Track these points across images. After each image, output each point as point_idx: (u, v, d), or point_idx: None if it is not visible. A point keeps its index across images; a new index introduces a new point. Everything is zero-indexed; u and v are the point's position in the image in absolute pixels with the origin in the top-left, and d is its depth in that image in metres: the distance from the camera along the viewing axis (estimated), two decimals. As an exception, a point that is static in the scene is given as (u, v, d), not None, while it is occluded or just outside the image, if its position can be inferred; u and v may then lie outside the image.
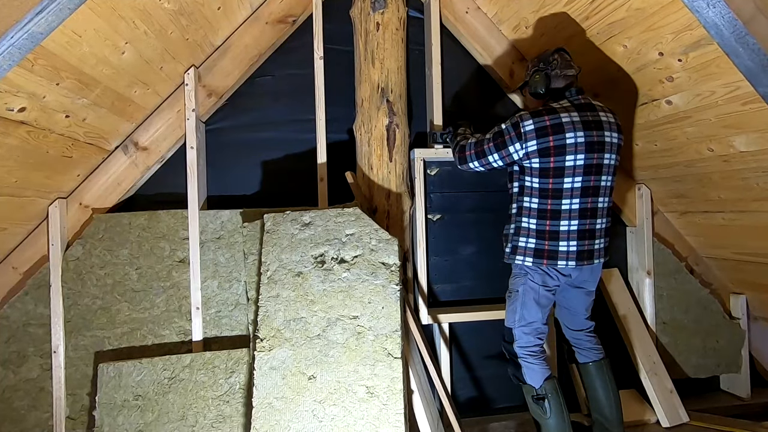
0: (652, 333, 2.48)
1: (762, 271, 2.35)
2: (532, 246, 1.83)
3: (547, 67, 1.87)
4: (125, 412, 1.95)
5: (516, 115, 1.82)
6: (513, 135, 1.79)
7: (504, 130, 1.84)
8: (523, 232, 1.85)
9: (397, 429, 1.79)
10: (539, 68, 1.89)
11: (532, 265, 1.85)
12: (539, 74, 1.88)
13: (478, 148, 1.93)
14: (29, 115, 1.61)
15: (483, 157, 1.91)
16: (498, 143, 1.85)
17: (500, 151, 1.85)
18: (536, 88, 1.89)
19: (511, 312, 1.94)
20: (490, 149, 1.88)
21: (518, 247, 1.87)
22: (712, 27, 1.56)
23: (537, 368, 1.87)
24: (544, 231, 1.81)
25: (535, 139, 1.74)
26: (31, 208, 1.99)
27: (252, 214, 2.18)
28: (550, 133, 1.73)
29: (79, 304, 2.08)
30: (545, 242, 1.81)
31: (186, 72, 2.19)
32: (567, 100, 1.83)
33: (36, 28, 1.35)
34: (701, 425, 2.24)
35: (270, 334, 1.89)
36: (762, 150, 1.84)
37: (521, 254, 1.86)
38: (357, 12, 2.30)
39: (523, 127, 1.76)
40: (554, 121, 1.74)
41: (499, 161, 1.87)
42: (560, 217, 1.79)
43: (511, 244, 1.90)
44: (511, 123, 1.81)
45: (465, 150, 1.99)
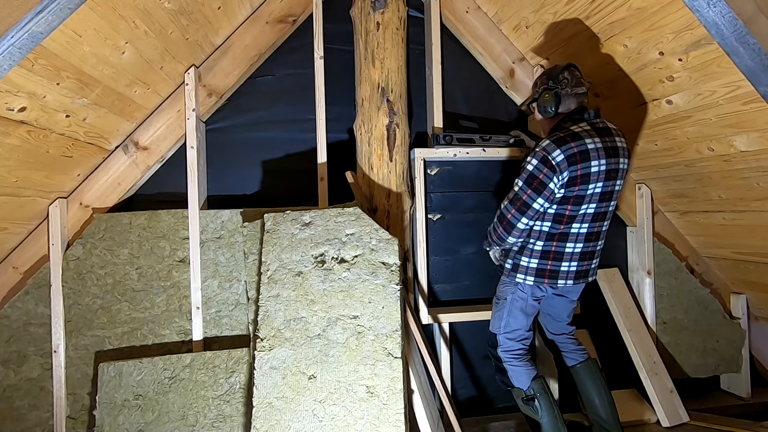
0: (652, 333, 2.48)
1: (762, 270, 2.34)
2: (534, 266, 1.82)
3: (557, 86, 1.77)
4: (126, 412, 1.95)
5: (538, 149, 1.69)
6: (546, 171, 1.65)
7: (534, 169, 1.68)
8: (527, 252, 1.82)
9: (398, 429, 1.79)
10: (549, 86, 1.79)
11: (532, 284, 1.84)
12: (549, 93, 1.78)
13: (517, 204, 1.73)
14: (29, 114, 1.62)
15: (527, 210, 1.71)
16: (536, 187, 1.68)
17: (542, 193, 1.68)
18: (546, 108, 1.79)
19: (497, 318, 1.95)
20: (530, 197, 1.70)
21: (520, 266, 1.85)
22: (712, 26, 1.56)
23: (522, 370, 1.88)
24: (550, 252, 1.79)
25: (567, 168, 1.64)
26: (32, 207, 2.00)
27: (252, 213, 2.18)
28: (578, 161, 1.64)
29: (79, 304, 2.08)
30: (548, 262, 1.80)
31: (186, 72, 2.19)
32: (587, 123, 1.74)
33: (36, 28, 1.35)
34: (701, 425, 2.24)
35: (270, 333, 1.89)
36: (762, 149, 1.84)
37: (522, 273, 1.84)
38: (357, 11, 2.29)
39: (554, 159, 1.64)
40: (581, 148, 1.65)
41: (545, 204, 1.70)
42: (567, 240, 1.77)
43: (512, 261, 1.87)
44: (539, 159, 1.67)
45: (503, 218, 1.77)
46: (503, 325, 1.92)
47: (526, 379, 1.87)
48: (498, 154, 2.36)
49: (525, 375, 1.88)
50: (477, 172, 2.42)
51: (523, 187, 1.71)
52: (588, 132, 1.70)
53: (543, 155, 1.67)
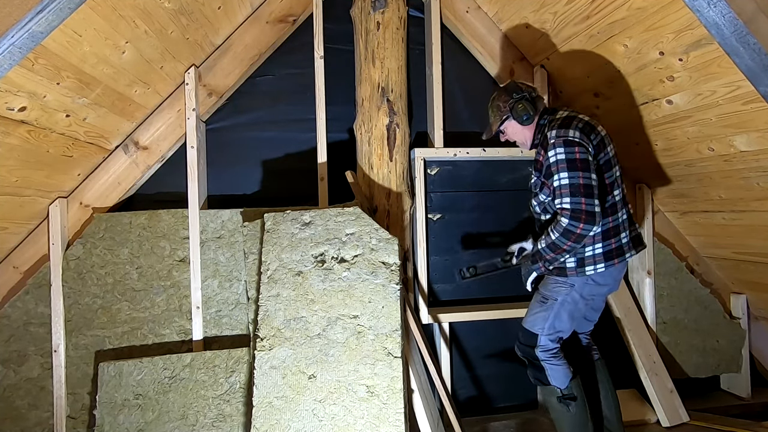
0: (652, 333, 2.48)
1: (762, 270, 2.34)
2: (600, 251, 1.74)
3: (525, 93, 1.85)
4: (126, 411, 1.95)
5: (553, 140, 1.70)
6: (578, 149, 1.66)
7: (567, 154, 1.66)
8: (587, 241, 1.72)
9: (397, 428, 1.79)
10: (517, 98, 1.85)
11: (603, 270, 1.75)
12: (522, 103, 1.83)
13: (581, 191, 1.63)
14: (30, 114, 1.62)
15: (592, 190, 1.63)
16: (581, 166, 1.64)
17: (589, 168, 1.65)
18: (526, 115, 1.84)
19: (541, 319, 1.84)
20: (585, 177, 1.63)
21: (585, 258, 1.75)
22: (712, 26, 1.56)
23: (562, 369, 1.82)
24: (609, 229, 1.74)
25: (588, 138, 1.69)
26: (32, 207, 2.00)
27: (252, 213, 2.19)
28: (589, 131, 1.71)
29: (79, 304, 2.09)
30: (611, 240, 1.75)
31: (186, 71, 2.19)
32: (563, 111, 1.84)
33: (36, 28, 1.36)
34: (701, 425, 2.24)
35: (270, 333, 1.89)
36: (763, 149, 1.84)
37: (591, 263, 1.75)
38: (357, 11, 2.29)
39: (573, 137, 1.68)
40: (582, 123, 1.73)
41: (596, 177, 1.67)
42: (616, 210, 1.76)
43: (575, 258, 1.77)
44: (563, 144, 1.67)
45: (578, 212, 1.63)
46: (547, 326, 1.82)
47: (565, 378, 1.82)
48: (498, 154, 2.36)
49: (564, 374, 1.82)
50: (477, 172, 2.42)
51: (572, 175, 1.65)
52: (574, 113, 1.81)
53: (563, 139, 1.68)
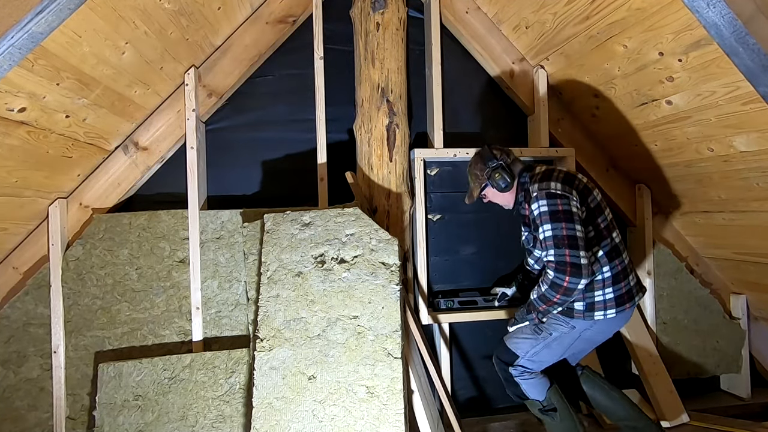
0: (652, 333, 2.48)
1: (762, 271, 2.34)
2: (611, 296, 1.71)
3: (500, 161, 1.85)
4: (125, 412, 1.95)
5: (536, 192, 1.72)
6: (560, 200, 1.66)
7: (550, 206, 1.67)
8: (598, 285, 1.72)
9: (397, 429, 1.79)
10: (494, 166, 1.85)
11: (614, 316, 1.72)
12: (498, 171, 1.84)
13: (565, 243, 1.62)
14: (29, 115, 1.62)
15: (577, 241, 1.62)
16: (565, 217, 1.64)
17: (574, 218, 1.64)
18: (503, 181, 1.84)
19: (528, 345, 1.83)
20: (569, 228, 1.62)
21: (595, 303, 1.72)
22: (712, 27, 1.56)
23: (537, 381, 1.83)
24: (618, 273, 1.72)
25: (571, 187, 1.70)
26: (32, 208, 1.99)
27: (252, 214, 2.18)
28: (571, 181, 1.73)
29: (79, 304, 2.08)
30: (621, 284, 1.72)
31: (186, 72, 2.19)
32: (541, 166, 1.87)
33: (36, 28, 1.35)
34: (701, 425, 2.24)
35: (270, 334, 1.89)
36: (762, 150, 1.84)
37: (601, 309, 1.71)
38: (357, 12, 2.30)
39: (555, 189, 1.69)
40: (562, 174, 1.75)
41: (581, 228, 1.66)
42: (620, 252, 1.76)
43: (584, 302, 1.73)
44: (546, 197, 1.68)
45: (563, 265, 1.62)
46: (532, 353, 1.83)
47: (543, 389, 1.82)
48: (498, 154, 2.36)
49: (540, 386, 1.83)
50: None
51: (555, 226, 1.65)
52: (550, 167, 1.84)
53: (545, 192, 1.69)
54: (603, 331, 1.80)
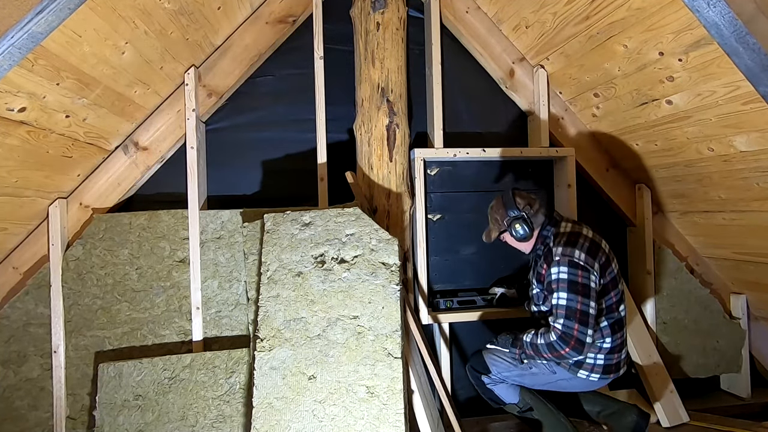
0: (652, 333, 2.48)
1: (762, 271, 2.34)
2: (601, 362, 1.76)
3: (521, 213, 1.84)
4: (125, 412, 1.95)
5: (559, 257, 1.71)
6: (582, 273, 1.67)
7: (570, 276, 1.67)
8: (593, 350, 1.76)
9: (397, 429, 1.79)
10: (514, 217, 1.84)
11: (596, 381, 1.77)
12: (518, 222, 1.83)
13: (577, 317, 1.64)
14: (29, 115, 1.61)
15: (587, 318, 1.64)
16: (583, 292, 1.65)
17: (590, 295, 1.66)
18: (523, 234, 1.84)
19: (504, 367, 1.88)
20: (584, 304, 1.64)
21: (584, 363, 1.77)
22: (712, 27, 1.56)
23: (508, 385, 1.91)
24: (617, 346, 1.76)
25: (594, 260, 1.70)
26: (32, 208, 1.99)
27: (252, 214, 2.18)
28: (595, 252, 1.72)
29: (79, 304, 2.08)
30: (614, 355, 1.77)
31: (186, 72, 2.19)
32: (566, 222, 1.86)
33: (36, 28, 1.35)
34: (701, 425, 2.24)
35: (270, 334, 1.89)
36: (762, 150, 1.84)
37: (587, 370, 1.77)
38: (357, 12, 2.29)
39: (579, 260, 1.68)
40: (588, 242, 1.74)
41: (595, 305, 1.67)
42: (623, 326, 1.79)
43: (574, 359, 1.76)
44: (568, 265, 1.68)
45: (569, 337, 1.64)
46: (506, 375, 1.88)
47: (515, 392, 1.90)
48: (498, 154, 2.36)
49: (513, 389, 1.90)
50: (477, 172, 2.42)
51: (571, 297, 1.66)
52: (578, 227, 1.83)
53: (569, 260, 1.69)
54: (576, 387, 1.85)
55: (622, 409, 1.90)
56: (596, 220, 2.59)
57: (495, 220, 1.94)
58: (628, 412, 1.87)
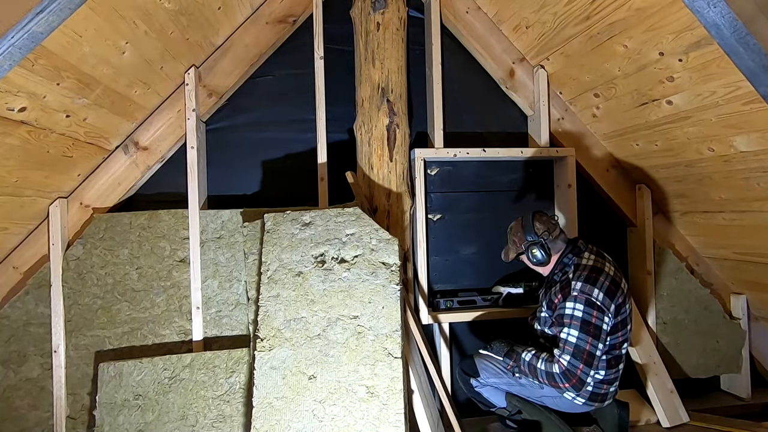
0: (652, 333, 2.48)
1: (762, 271, 2.34)
2: (589, 389, 1.79)
3: (539, 238, 1.84)
4: (126, 412, 1.95)
5: (577, 293, 1.71)
6: (597, 314, 1.68)
7: (585, 315, 1.67)
8: None
9: (397, 429, 1.79)
10: (532, 242, 1.85)
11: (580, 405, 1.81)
12: (535, 247, 1.85)
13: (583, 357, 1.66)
14: (30, 114, 1.62)
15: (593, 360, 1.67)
16: (593, 333, 1.66)
17: (600, 337, 1.68)
18: (540, 260, 1.86)
19: (494, 374, 1.94)
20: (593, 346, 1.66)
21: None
22: (712, 27, 1.56)
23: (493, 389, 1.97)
24: (609, 379, 1.79)
25: (611, 303, 1.70)
26: (32, 207, 2.00)
27: (252, 213, 2.18)
28: (614, 292, 1.72)
29: (79, 304, 2.08)
30: (604, 386, 1.81)
31: (186, 72, 2.19)
32: (589, 252, 1.84)
33: (36, 28, 1.35)
34: (701, 425, 2.24)
35: (270, 333, 1.89)
36: (763, 150, 1.84)
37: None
38: (357, 12, 2.29)
39: (597, 300, 1.68)
40: (609, 280, 1.73)
41: (603, 346, 1.70)
42: (620, 363, 1.81)
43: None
44: (584, 303, 1.68)
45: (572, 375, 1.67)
46: (494, 381, 1.95)
47: (500, 396, 1.96)
48: (498, 154, 2.36)
49: (500, 393, 1.96)
50: (477, 172, 2.42)
51: (582, 337, 1.67)
52: (600, 261, 1.79)
53: (586, 298, 1.69)
54: (560, 406, 1.87)
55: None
56: (596, 220, 2.59)
57: (513, 242, 1.95)
58: (607, 408, 1.90)
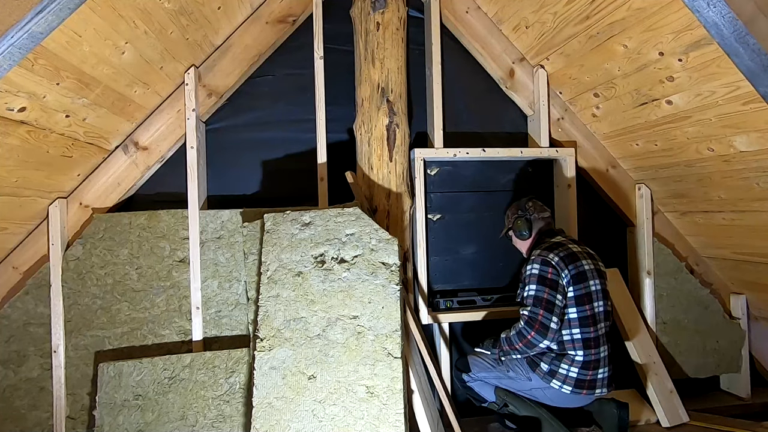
0: (652, 333, 2.48)
1: (762, 271, 2.34)
2: (574, 375, 1.81)
3: (525, 213, 2.05)
4: (125, 412, 1.95)
5: (536, 257, 1.87)
6: (552, 270, 1.82)
7: (541, 271, 1.82)
8: (567, 360, 1.83)
9: (397, 429, 1.79)
10: (519, 215, 2.06)
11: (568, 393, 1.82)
12: (520, 220, 2.04)
13: (542, 304, 1.78)
14: (29, 114, 1.61)
15: (553, 308, 1.78)
16: (550, 285, 1.79)
17: (557, 290, 1.80)
18: (521, 232, 2.04)
19: (483, 369, 2.01)
20: (551, 295, 1.78)
21: (558, 373, 1.84)
22: (712, 27, 1.56)
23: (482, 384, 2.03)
24: (590, 361, 1.81)
25: (566, 267, 1.82)
26: (32, 207, 1.99)
27: (252, 213, 2.18)
28: (571, 261, 1.83)
29: (79, 304, 2.08)
30: (589, 372, 1.81)
31: (186, 72, 2.19)
32: (560, 236, 1.99)
33: (36, 28, 1.35)
34: (701, 425, 2.24)
35: (270, 333, 1.89)
36: (762, 150, 1.84)
37: (560, 380, 1.84)
38: (357, 12, 2.29)
39: (552, 260, 1.83)
40: (568, 252, 1.86)
41: (563, 300, 1.81)
42: (600, 344, 1.83)
43: (549, 366, 1.85)
44: (540, 263, 1.84)
45: (533, 321, 1.77)
46: (489, 376, 2.00)
47: (490, 390, 2.00)
48: (498, 154, 2.36)
49: (488, 387, 2.01)
50: (477, 172, 2.42)
51: (539, 288, 1.81)
52: (566, 241, 1.95)
53: (542, 259, 1.86)
54: (553, 400, 1.90)
55: (599, 406, 1.95)
56: (596, 220, 2.59)
57: (507, 217, 2.17)
58: (607, 407, 1.92)
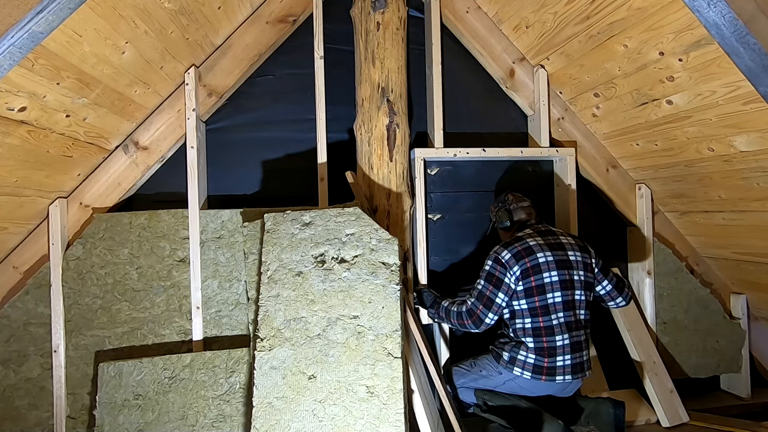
0: (652, 333, 2.48)
1: (762, 271, 2.34)
2: (531, 361, 1.89)
3: (505, 205, 2.15)
4: (126, 412, 1.95)
5: (492, 252, 1.98)
6: (500, 268, 1.93)
7: (491, 268, 1.95)
8: (524, 347, 1.91)
9: (397, 429, 1.79)
10: (499, 207, 2.17)
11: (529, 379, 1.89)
12: (501, 211, 2.15)
13: (483, 300, 1.94)
14: (30, 114, 1.62)
15: (491, 305, 1.93)
16: (495, 283, 1.93)
17: (501, 288, 1.92)
18: (503, 222, 2.14)
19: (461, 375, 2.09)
20: (492, 293, 1.93)
21: (517, 359, 1.91)
22: (712, 27, 1.56)
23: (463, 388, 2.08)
24: (543, 348, 1.88)
25: (516, 264, 1.91)
26: (32, 207, 2.00)
27: (252, 213, 2.18)
28: (524, 256, 1.91)
29: (79, 304, 2.08)
30: (545, 359, 1.87)
31: (186, 71, 2.19)
32: (530, 228, 2.06)
33: (36, 28, 1.35)
34: (701, 425, 2.24)
35: (270, 333, 1.89)
36: (762, 150, 1.84)
37: (520, 367, 1.91)
38: (357, 11, 2.29)
39: (503, 258, 1.93)
40: (524, 246, 1.94)
41: (505, 298, 1.92)
42: (554, 333, 1.88)
43: (509, 355, 1.94)
44: (492, 260, 1.96)
45: (472, 313, 1.96)
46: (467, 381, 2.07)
47: (470, 393, 2.04)
48: (498, 154, 2.36)
49: (468, 392, 2.05)
50: (477, 172, 2.42)
51: (485, 285, 1.95)
52: (530, 235, 2.00)
53: (495, 256, 1.96)
54: (526, 389, 1.95)
55: (595, 405, 1.96)
56: (596, 220, 2.59)
57: (490, 210, 2.27)
58: (603, 407, 1.93)
